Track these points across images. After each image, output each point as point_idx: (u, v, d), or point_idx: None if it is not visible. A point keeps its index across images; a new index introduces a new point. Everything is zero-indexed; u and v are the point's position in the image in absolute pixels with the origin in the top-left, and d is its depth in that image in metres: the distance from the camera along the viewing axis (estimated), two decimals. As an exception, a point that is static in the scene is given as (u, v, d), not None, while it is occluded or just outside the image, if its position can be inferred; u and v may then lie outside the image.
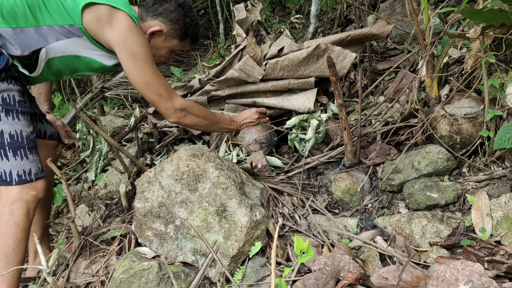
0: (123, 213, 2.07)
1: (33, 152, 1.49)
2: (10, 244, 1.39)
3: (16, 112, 1.44)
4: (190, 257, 1.51)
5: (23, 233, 1.43)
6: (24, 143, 1.45)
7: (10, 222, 1.40)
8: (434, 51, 1.79)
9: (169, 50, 1.84)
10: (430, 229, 1.44)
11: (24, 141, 1.45)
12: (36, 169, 1.49)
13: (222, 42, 5.02)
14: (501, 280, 1.14)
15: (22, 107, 1.47)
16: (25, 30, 1.47)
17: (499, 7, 1.53)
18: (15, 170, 1.43)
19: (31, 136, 1.49)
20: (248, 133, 2.09)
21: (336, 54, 2.11)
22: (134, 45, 1.59)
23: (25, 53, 1.49)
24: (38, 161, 1.52)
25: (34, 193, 1.47)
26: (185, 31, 1.81)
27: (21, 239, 1.42)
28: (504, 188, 1.50)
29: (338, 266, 1.25)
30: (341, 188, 1.76)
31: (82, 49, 1.61)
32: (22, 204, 1.43)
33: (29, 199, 1.46)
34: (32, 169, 1.47)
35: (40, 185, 1.49)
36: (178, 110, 1.78)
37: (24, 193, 1.44)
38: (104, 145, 2.33)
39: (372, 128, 1.99)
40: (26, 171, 1.45)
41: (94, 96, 3.50)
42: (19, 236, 1.41)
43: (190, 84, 2.46)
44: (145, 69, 1.64)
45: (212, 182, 1.56)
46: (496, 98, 1.60)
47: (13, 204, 1.42)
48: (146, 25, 1.74)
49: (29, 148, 1.47)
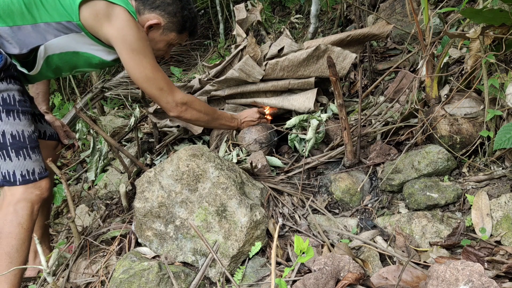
0: (123, 213, 2.07)
1: (36, 152, 1.49)
2: (13, 244, 1.40)
3: (17, 112, 1.44)
4: (190, 257, 1.51)
5: (26, 233, 1.43)
6: (26, 143, 1.45)
7: (14, 222, 1.41)
8: (434, 51, 1.79)
9: (167, 43, 1.82)
10: (430, 229, 1.44)
11: (26, 140, 1.45)
12: (40, 168, 1.49)
13: (222, 42, 5.02)
14: (501, 280, 1.14)
15: (22, 107, 1.46)
16: (22, 28, 1.47)
17: (499, 7, 1.53)
18: (19, 170, 1.43)
19: (33, 135, 1.49)
20: (248, 133, 2.09)
21: (336, 55, 2.11)
22: (133, 40, 1.58)
23: (23, 51, 1.48)
24: (41, 160, 1.51)
25: (38, 193, 1.47)
26: (183, 24, 1.80)
27: (24, 239, 1.42)
28: (504, 188, 1.50)
29: (338, 266, 1.25)
30: (341, 188, 1.76)
31: (80, 45, 1.60)
32: (26, 204, 1.44)
33: (34, 199, 1.46)
34: (36, 168, 1.47)
35: (44, 184, 1.49)
36: (180, 104, 1.78)
37: (28, 193, 1.45)
38: (104, 145, 2.33)
39: (372, 128, 1.99)
40: (29, 171, 1.45)
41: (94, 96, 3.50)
42: (22, 236, 1.42)
43: (190, 84, 2.46)
44: (145, 64, 1.63)
45: (212, 182, 1.56)
46: (496, 98, 1.60)
47: (17, 204, 1.42)
48: (144, 18, 1.72)
49: (31, 148, 1.46)
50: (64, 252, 1.80)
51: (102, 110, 3.85)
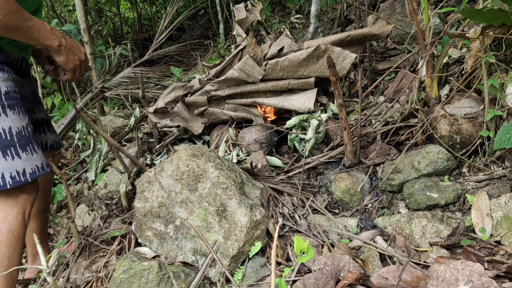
0: (123, 213, 2.07)
1: (28, 149, 1.34)
2: (4, 253, 1.30)
3: (2, 108, 1.28)
4: (190, 257, 1.51)
5: (17, 240, 1.33)
6: (14, 141, 1.30)
7: (4, 230, 1.31)
8: (434, 51, 1.79)
9: None
10: (430, 229, 1.44)
11: (14, 138, 1.30)
12: (33, 167, 1.34)
13: (222, 42, 5.02)
14: (501, 280, 1.14)
15: (10, 100, 1.30)
16: None
17: (499, 7, 1.53)
18: (8, 172, 1.29)
19: (24, 131, 1.33)
20: (248, 133, 2.09)
21: (336, 55, 2.11)
22: None
23: None
24: (35, 158, 1.36)
25: (28, 196, 1.37)
26: None
27: (15, 247, 1.33)
28: (504, 188, 1.50)
29: (338, 266, 1.25)
30: (341, 188, 1.76)
31: None
32: (18, 210, 1.33)
33: (25, 203, 1.36)
34: (27, 168, 1.32)
35: (36, 185, 1.39)
36: None
37: (19, 198, 1.34)
38: (104, 145, 2.33)
39: (372, 128, 1.99)
40: (19, 172, 1.31)
41: (94, 96, 3.49)
42: (13, 244, 1.32)
43: (190, 84, 2.46)
44: None
45: (212, 182, 1.56)
46: (496, 98, 1.60)
47: (6, 209, 1.32)
48: None
49: (21, 146, 1.31)
50: (64, 252, 1.80)
51: (102, 110, 3.85)
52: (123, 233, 1.75)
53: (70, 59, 1.45)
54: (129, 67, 4.47)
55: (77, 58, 1.46)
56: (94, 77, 3.91)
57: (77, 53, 1.46)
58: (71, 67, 1.46)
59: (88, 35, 3.76)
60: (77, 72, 1.50)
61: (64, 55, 1.41)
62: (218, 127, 2.41)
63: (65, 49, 1.41)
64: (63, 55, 1.41)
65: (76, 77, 1.51)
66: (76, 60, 1.47)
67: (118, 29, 7.05)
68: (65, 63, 1.43)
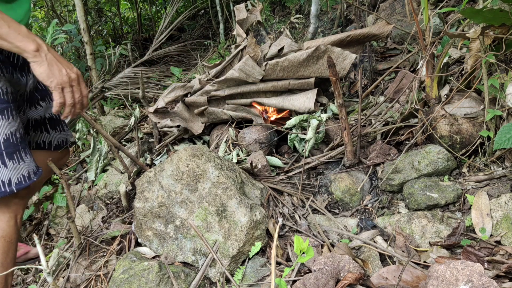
0: (123, 213, 2.07)
1: (15, 157, 1.24)
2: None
3: None
4: (190, 257, 1.51)
5: (10, 245, 1.30)
6: (1, 149, 1.21)
7: None
8: (434, 51, 1.79)
9: None
10: (430, 229, 1.44)
11: (1, 146, 1.21)
12: (19, 177, 1.25)
13: (222, 42, 5.02)
14: (501, 280, 1.14)
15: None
16: None
17: (499, 7, 1.53)
18: None
19: (12, 138, 1.23)
20: (248, 133, 2.09)
21: (336, 55, 2.11)
22: None
23: None
24: (22, 167, 1.27)
25: (20, 201, 1.33)
26: None
27: (7, 252, 1.30)
28: (504, 188, 1.50)
29: (338, 266, 1.25)
30: (341, 188, 1.76)
31: None
32: (9, 215, 1.30)
33: (16, 208, 1.32)
34: (13, 178, 1.23)
35: (28, 189, 1.34)
36: None
37: (10, 202, 1.30)
38: (104, 145, 2.33)
39: (372, 128, 1.99)
40: (5, 182, 1.23)
41: (94, 96, 3.49)
42: (5, 249, 1.29)
43: (190, 84, 2.46)
44: None
45: (212, 182, 1.56)
46: (496, 98, 1.60)
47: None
48: None
49: (8, 154, 1.22)
50: (64, 252, 1.80)
51: (102, 110, 3.85)
52: (123, 233, 1.75)
53: (55, 73, 1.14)
54: (129, 67, 4.47)
55: (64, 73, 1.15)
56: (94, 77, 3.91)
57: (65, 67, 1.17)
58: (56, 83, 1.14)
59: (88, 35, 3.76)
60: (68, 95, 1.19)
61: (45, 65, 1.12)
62: (218, 127, 2.41)
63: (46, 57, 1.12)
64: (44, 64, 1.12)
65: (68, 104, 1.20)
66: (64, 76, 1.15)
67: (118, 29, 7.05)
68: (48, 76, 1.13)
